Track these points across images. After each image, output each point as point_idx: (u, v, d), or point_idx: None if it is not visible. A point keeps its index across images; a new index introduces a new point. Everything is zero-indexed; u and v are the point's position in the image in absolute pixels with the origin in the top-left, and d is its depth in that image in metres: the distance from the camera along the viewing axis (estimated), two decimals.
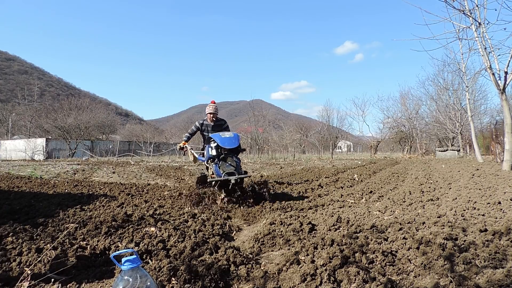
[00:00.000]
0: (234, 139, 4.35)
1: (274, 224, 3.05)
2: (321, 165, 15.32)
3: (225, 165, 4.24)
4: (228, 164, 4.25)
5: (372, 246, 2.24)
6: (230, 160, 4.25)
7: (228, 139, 4.30)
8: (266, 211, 4.01)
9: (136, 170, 11.82)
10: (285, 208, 4.17)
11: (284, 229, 2.86)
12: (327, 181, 7.49)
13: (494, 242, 2.23)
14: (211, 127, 5.25)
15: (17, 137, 37.33)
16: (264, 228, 2.90)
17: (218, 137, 4.35)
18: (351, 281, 1.72)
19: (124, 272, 1.28)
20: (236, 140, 4.35)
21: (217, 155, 4.32)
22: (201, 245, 2.30)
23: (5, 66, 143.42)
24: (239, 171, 4.25)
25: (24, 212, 3.72)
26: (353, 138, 52.38)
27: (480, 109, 27.92)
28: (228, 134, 4.45)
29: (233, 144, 4.28)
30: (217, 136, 4.38)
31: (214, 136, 4.43)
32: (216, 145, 4.33)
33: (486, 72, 8.71)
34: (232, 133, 4.51)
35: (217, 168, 4.25)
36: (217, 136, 4.39)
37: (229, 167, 4.21)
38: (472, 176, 6.83)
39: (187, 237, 2.62)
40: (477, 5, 8.35)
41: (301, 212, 3.89)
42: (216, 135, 4.42)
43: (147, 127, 51.91)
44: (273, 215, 3.44)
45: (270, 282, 1.79)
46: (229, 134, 4.46)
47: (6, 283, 1.80)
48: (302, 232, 2.81)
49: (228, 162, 4.25)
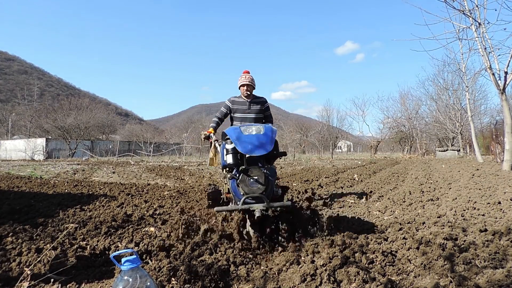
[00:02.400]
0: (265, 139, 2.53)
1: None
2: (321, 165, 15.32)
3: (247, 181, 2.43)
4: (253, 180, 2.43)
5: (372, 246, 2.24)
6: (257, 173, 2.43)
7: (254, 139, 2.52)
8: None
9: (136, 170, 11.82)
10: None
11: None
12: (327, 181, 7.49)
13: (494, 242, 2.23)
14: (246, 107, 3.69)
15: (17, 137, 37.34)
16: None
17: (237, 133, 2.58)
18: (351, 281, 1.72)
19: (124, 272, 1.28)
20: (269, 141, 2.53)
21: (235, 164, 2.55)
22: (201, 245, 2.30)
23: (5, 66, 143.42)
24: (270, 192, 2.51)
25: (24, 212, 3.72)
26: (353, 138, 52.36)
27: (480, 109, 27.96)
28: (255, 128, 2.62)
29: (262, 147, 2.48)
30: (234, 132, 2.60)
31: (230, 131, 2.65)
32: (233, 147, 2.57)
33: (486, 72, 8.72)
34: (263, 127, 2.64)
35: (235, 186, 2.52)
36: (235, 132, 2.61)
37: (254, 185, 2.42)
38: (472, 176, 6.82)
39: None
40: (477, 5, 8.35)
41: None
42: (233, 130, 2.64)
43: (147, 127, 51.87)
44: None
45: (270, 282, 1.79)
46: (256, 128, 2.61)
47: (6, 283, 1.80)
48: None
49: (254, 177, 2.43)
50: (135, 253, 1.33)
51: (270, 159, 2.72)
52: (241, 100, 3.71)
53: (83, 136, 32.89)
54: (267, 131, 2.58)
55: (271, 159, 2.73)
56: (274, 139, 2.58)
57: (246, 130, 2.58)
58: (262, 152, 2.45)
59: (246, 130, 2.58)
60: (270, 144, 2.50)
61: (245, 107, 3.69)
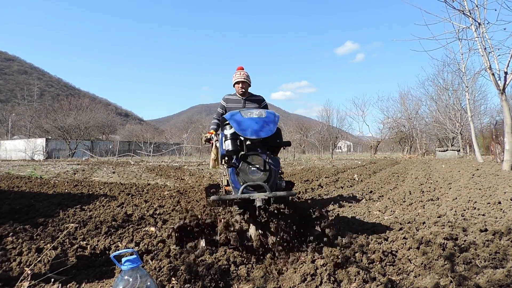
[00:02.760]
0: (267, 122, 2.36)
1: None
2: (321, 165, 15.32)
3: (247, 169, 2.28)
4: (254, 169, 2.29)
5: (372, 246, 2.25)
6: (257, 161, 2.29)
7: (255, 122, 2.33)
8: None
9: (136, 170, 11.83)
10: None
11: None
12: (327, 181, 7.50)
13: (494, 242, 2.23)
14: (241, 105, 3.49)
15: (17, 137, 37.32)
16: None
17: (237, 116, 2.40)
18: (351, 281, 1.72)
19: (124, 272, 1.28)
20: (271, 124, 2.36)
21: (235, 151, 2.33)
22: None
23: (5, 66, 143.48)
24: (273, 183, 2.31)
25: (24, 212, 3.72)
26: (353, 138, 52.38)
27: (480, 109, 27.99)
28: (256, 112, 2.46)
29: (264, 130, 2.30)
30: (235, 116, 2.40)
31: (230, 116, 2.42)
32: (233, 133, 2.37)
33: (486, 72, 8.72)
34: (264, 111, 2.49)
35: (234, 175, 2.32)
36: (235, 115, 2.42)
37: (254, 174, 2.27)
38: (472, 176, 6.83)
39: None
40: (477, 5, 8.36)
41: None
42: (233, 114, 2.43)
43: (147, 127, 51.88)
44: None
45: (270, 282, 1.79)
46: (258, 112, 2.46)
47: (6, 283, 1.80)
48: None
49: (255, 165, 2.28)
50: (135, 252, 1.33)
51: (273, 149, 2.51)
52: (236, 98, 3.51)
53: (83, 136, 32.89)
54: (270, 114, 2.43)
55: (274, 148, 2.52)
56: (277, 123, 2.39)
57: (247, 113, 2.42)
58: (264, 135, 2.25)
59: (247, 113, 2.42)
60: (273, 126, 2.33)
61: (240, 105, 3.47)
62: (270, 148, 2.46)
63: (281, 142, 2.50)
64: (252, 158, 2.28)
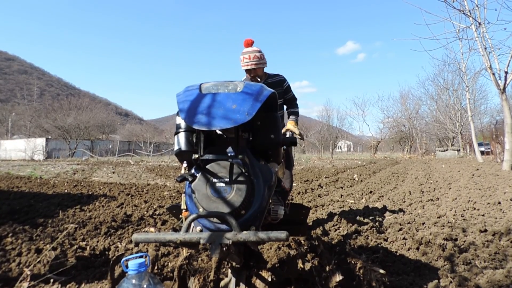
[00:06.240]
0: (239, 101, 1.14)
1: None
2: (321, 165, 15.32)
3: (207, 186, 1.13)
4: (221, 185, 1.12)
5: (372, 246, 2.24)
6: (223, 171, 1.14)
7: (217, 101, 1.16)
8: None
9: (136, 170, 11.82)
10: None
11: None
12: (327, 181, 7.49)
13: (494, 242, 2.23)
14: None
15: (17, 137, 37.33)
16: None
17: (192, 94, 1.21)
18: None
19: (130, 276, 1.24)
20: (244, 104, 1.13)
21: (189, 150, 1.28)
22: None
23: (5, 66, 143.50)
24: (256, 213, 1.12)
25: (23, 212, 3.71)
26: (353, 138, 52.40)
27: (480, 109, 28.02)
28: (231, 85, 1.22)
29: (227, 116, 1.10)
30: (188, 93, 1.23)
31: (183, 92, 1.25)
32: (186, 126, 1.32)
33: (486, 72, 8.73)
34: (244, 83, 1.23)
35: (190, 195, 1.20)
36: (190, 92, 1.23)
37: (216, 194, 1.11)
38: (472, 176, 6.83)
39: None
40: (477, 5, 8.36)
41: None
42: (188, 90, 1.25)
43: (147, 127, 51.92)
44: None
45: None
46: (233, 85, 1.22)
47: (6, 284, 1.80)
48: None
49: (221, 178, 1.13)
50: (147, 256, 1.26)
51: (266, 152, 1.34)
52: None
53: (83, 136, 32.88)
54: (249, 89, 1.20)
55: (269, 150, 1.34)
56: (262, 101, 1.17)
57: (211, 88, 1.23)
58: (222, 124, 1.09)
59: (211, 88, 1.23)
60: (249, 109, 1.12)
61: None
62: (262, 151, 1.33)
63: (277, 139, 1.33)
64: (214, 167, 1.16)
